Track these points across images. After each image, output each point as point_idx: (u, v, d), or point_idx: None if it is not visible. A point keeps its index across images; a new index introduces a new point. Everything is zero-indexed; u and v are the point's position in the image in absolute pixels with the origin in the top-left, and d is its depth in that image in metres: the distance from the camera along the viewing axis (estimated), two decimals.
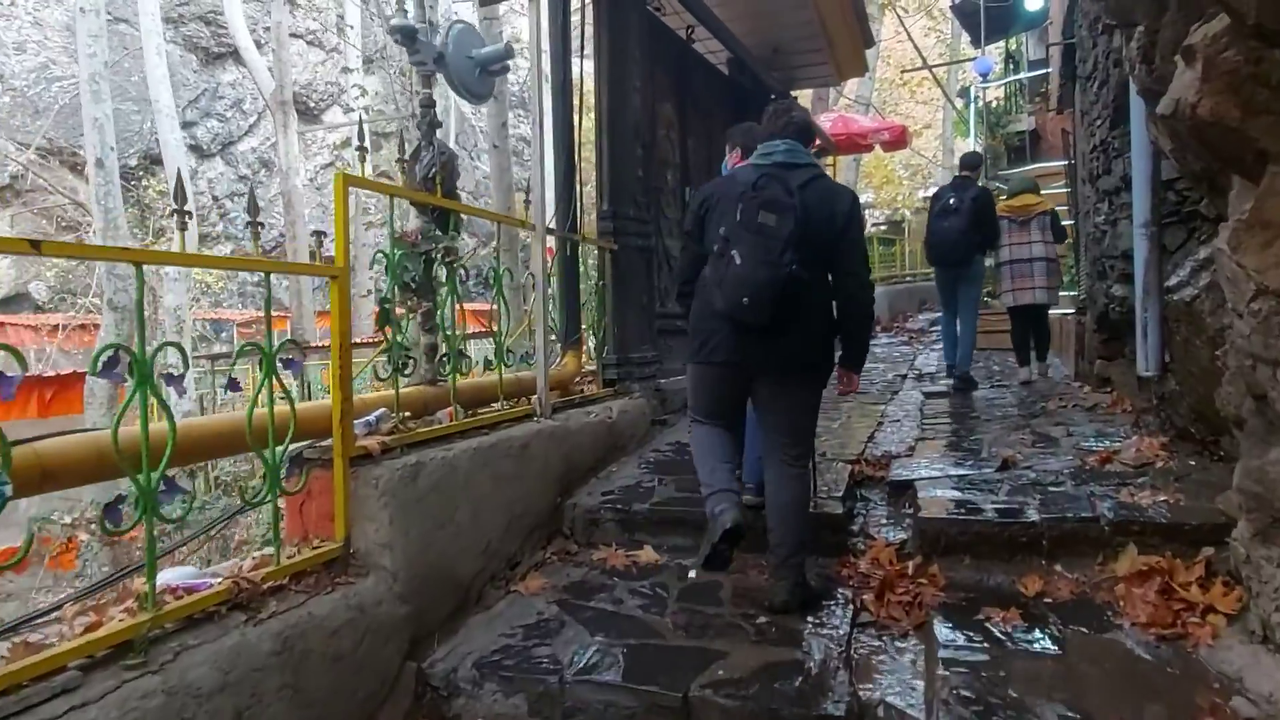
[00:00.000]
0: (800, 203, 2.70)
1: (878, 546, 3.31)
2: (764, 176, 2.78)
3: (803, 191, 2.76)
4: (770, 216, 2.68)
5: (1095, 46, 5.42)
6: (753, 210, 2.69)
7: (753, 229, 2.67)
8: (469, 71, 3.24)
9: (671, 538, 3.53)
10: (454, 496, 2.90)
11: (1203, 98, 2.22)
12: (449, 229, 3.09)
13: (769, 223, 2.67)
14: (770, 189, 2.73)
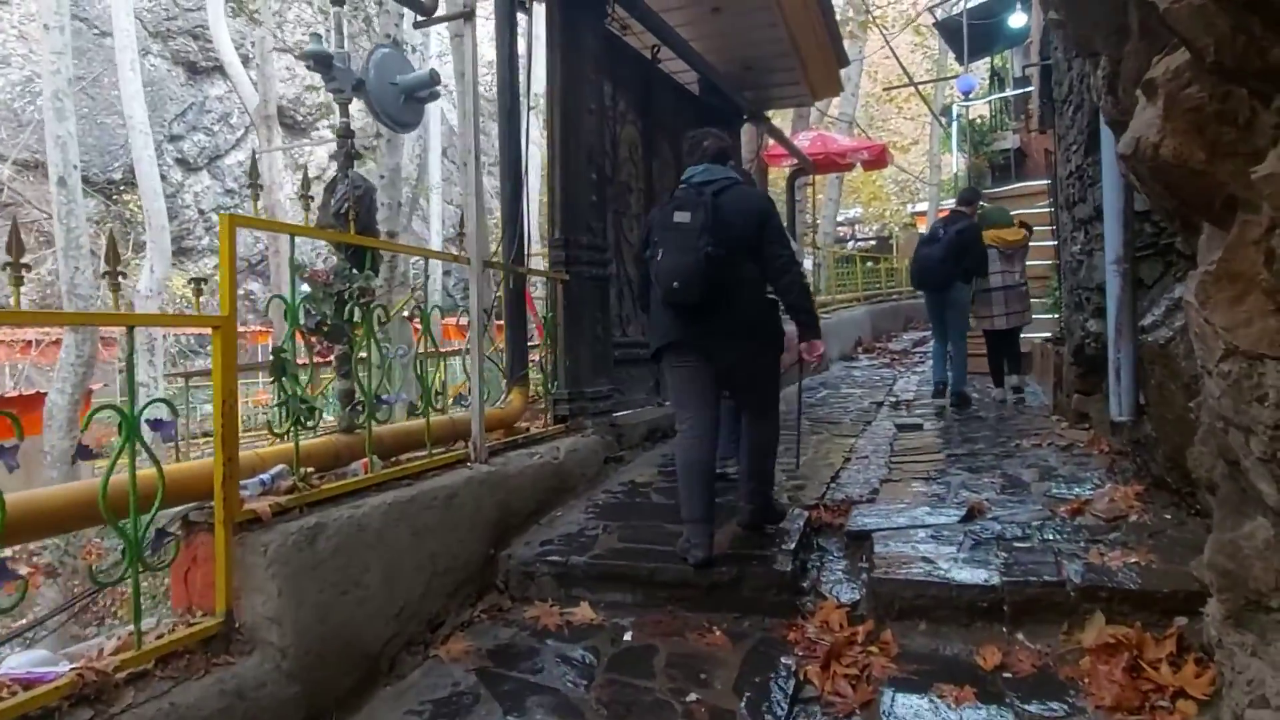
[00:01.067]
0: (712, 203, 3.18)
1: (828, 608, 3.08)
2: (682, 191, 3.35)
3: (715, 196, 3.22)
4: (684, 215, 3.18)
5: (1070, 69, 5.24)
6: (669, 214, 3.23)
7: (670, 227, 3.19)
8: (392, 99, 3.03)
9: (611, 594, 3.29)
10: (362, 558, 2.66)
11: (1165, 137, 2.01)
12: (365, 267, 2.87)
13: (684, 220, 3.17)
14: (683, 196, 3.28)
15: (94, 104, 19.53)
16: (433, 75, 3.10)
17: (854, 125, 16.10)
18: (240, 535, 2.33)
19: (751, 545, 3.42)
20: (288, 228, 2.64)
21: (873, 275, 17.58)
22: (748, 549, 3.38)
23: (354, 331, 2.86)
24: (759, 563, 3.24)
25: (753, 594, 3.15)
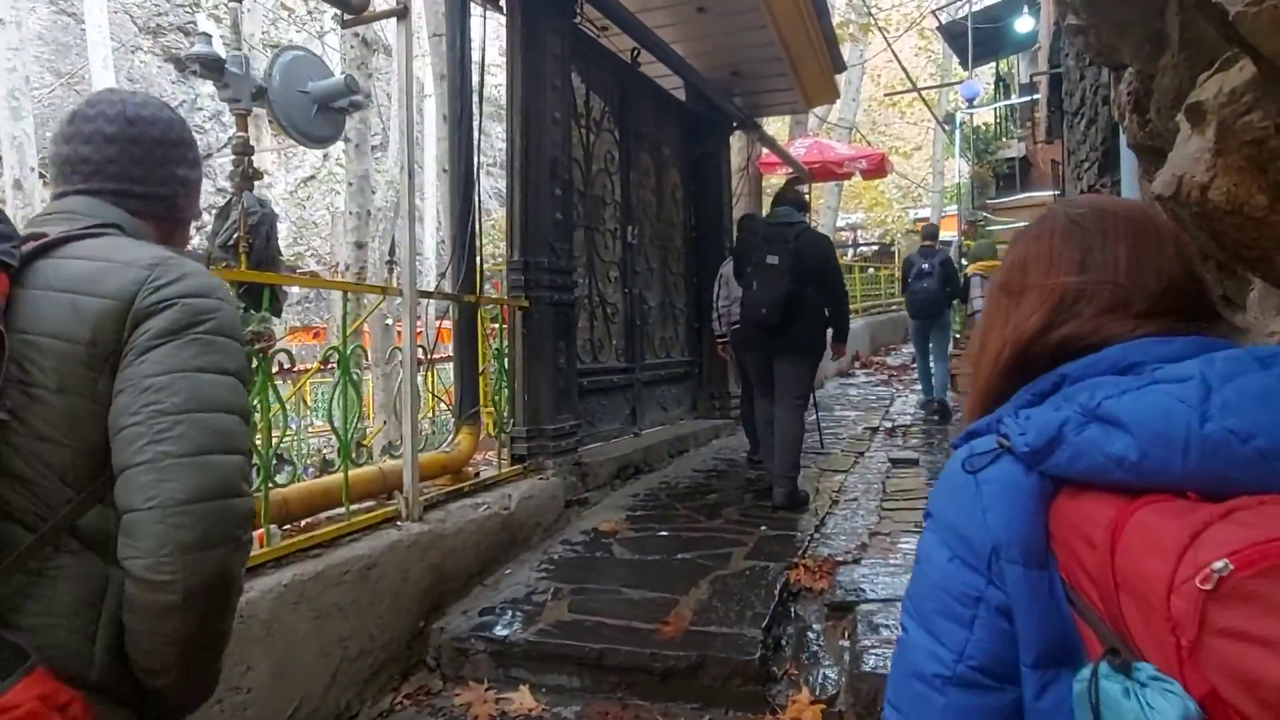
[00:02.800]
0: (795, 247, 4.29)
1: (801, 703, 2.66)
2: (770, 229, 4.51)
3: (797, 240, 4.35)
4: (774, 257, 4.28)
5: (1083, 79, 4.82)
6: (763, 254, 4.35)
7: (763, 266, 4.31)
8: (301, 109, 2.61)
9: (555, 676, 2.88)
10: (244, 654, 2.25)
11: (1215, 175, 1.58)
12: (264, 306, 2.45)
13: (774, 262, 4.27)
14: (772, 235, 4.41)
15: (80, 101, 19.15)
16: (349, 81, 2.69)
17: (854, 131, 15.69)
18: None
19: (718, 620, 3.00)
20: None
21: (872, 284, 17.12)
22: (713, 624, 2.96)
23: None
24: (724, 643, 2.82)
25: (715, 682, 2.74)
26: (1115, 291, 0.81)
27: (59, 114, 9.00)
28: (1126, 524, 0.64)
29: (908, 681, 0.80)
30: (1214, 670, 0.55)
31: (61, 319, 0.95)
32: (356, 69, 6.74)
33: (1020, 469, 0.75)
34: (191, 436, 0.93)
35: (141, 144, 1.13)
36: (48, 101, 17.34)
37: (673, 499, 4.71)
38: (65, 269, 0.98)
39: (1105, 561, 0.65)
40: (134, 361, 0.94)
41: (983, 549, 0.75)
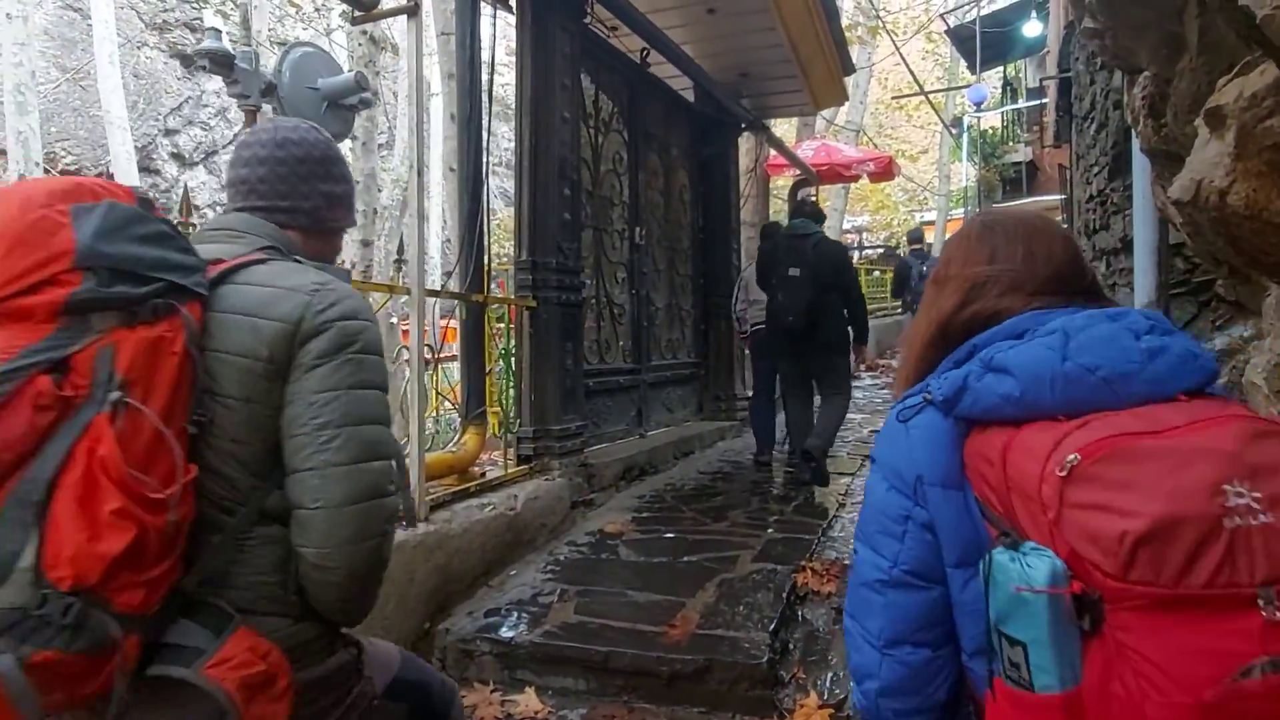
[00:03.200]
0: (814, 257, 4.71)
1: (809, 707, 2.65)
2: (790, 241, 4.90)
3: (815, 250, 4.76)
4: (796, 270, 4.69)
5: (1093, 84, 4.80)
6: (785, 267, 4.76)
7: (786, 278, 4.73)
8: (311, 106, 2.60)
9: (560, 679, 2.87)
10: None
11: (1235, 180, 1.57)
12: None
13: (796, 274, 4.68)
14: (793, 248, 4.81)
15: (86, 96, 19.13)
16: (359, 78, 2.68)
17: (861, 133, 15.66)
18: None
19: (725, 623, 2.99)
20: None
21: (879, 287, 17.08)
22: (720, 628, 2.95)
23: None
24: (731, 647, 2.81)
25: (722, 686, 2.72)
26: (1013, 277, 1.03)
27: (63, 109, 9.10)
28: (1013, 443, 0.85)
29: (856, 590, 1.00)
30: (1071, 534, 0.75)
31: (244, 339, 1.11)
32: (364, 66, 6.74)
33: (939, 416, 0.95)
34: (348, 448, 1.12)
35: (286, 164, 1.30)
36: (52, 96, 17.36)
37: (678, 501, 4.69)
38: (245, 295, 1.14)
39: (1000, 473, 0.85)
40: (301, 378, 1.13)
41: (910, 477, 0.95)
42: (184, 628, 1.04)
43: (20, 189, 1.07)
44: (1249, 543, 0.70)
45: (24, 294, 0.96)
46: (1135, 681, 0.71)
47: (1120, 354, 0.86)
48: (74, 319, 0.98)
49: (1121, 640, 0.73)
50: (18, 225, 0.98)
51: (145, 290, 1.02)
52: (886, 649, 0.95)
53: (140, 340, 1.00)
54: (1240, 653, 0.68)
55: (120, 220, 1.03)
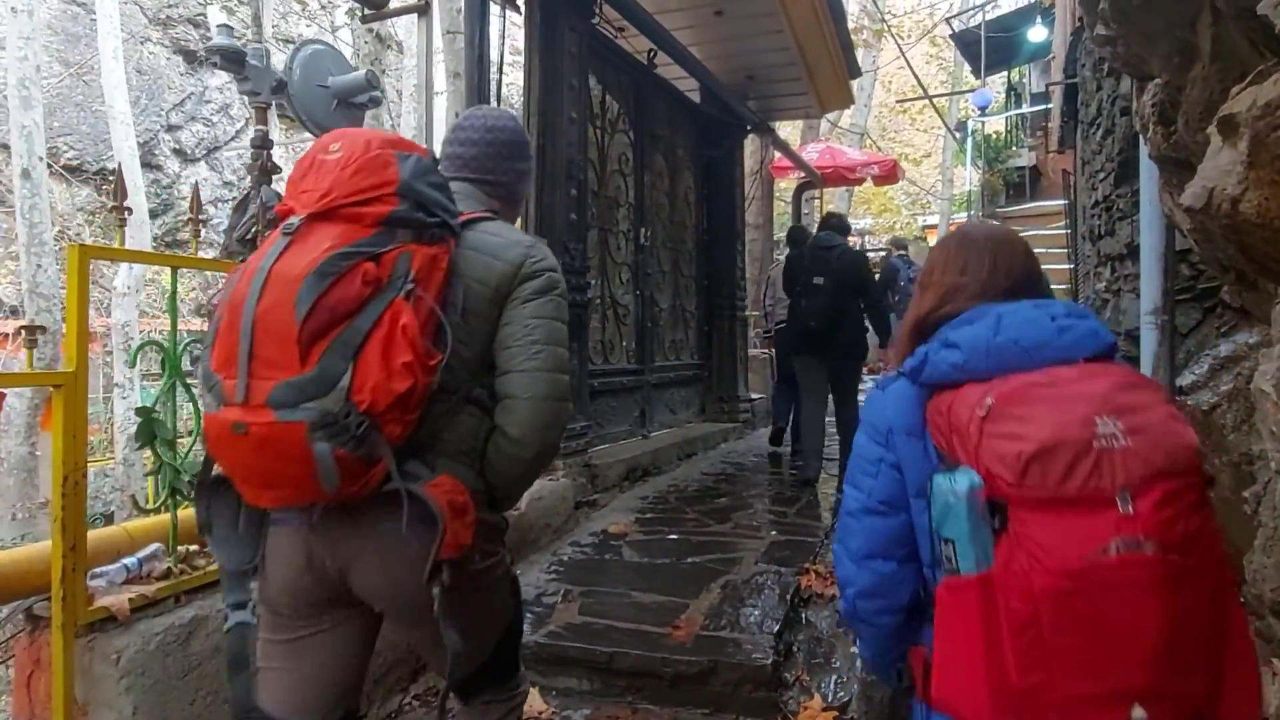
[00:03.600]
0: (837, 266, 5.03)
1: (813, 709, 2.66)
2: (815, 252, 5.23)
3: (838, 261, 5.07)
4: (820, 279, 5.01)
5: (1100, 89, 4.80)
6: (811, 275, 5.07)
7: (811, 285, 5.04)
8: (321, 104, 2.61)
9: (564, 679, 2.87)
10: None
11: (1247, 189, 1.57)
12: None
13: (820, 282, 5.00)
14: (818, 259, 5.12)
15: (89, 91, 19.11)
16: (370, 76, 2.68)
17: (865, 136, 15.66)
18: (90, 638, 1.92)
19: (729, 624, 2.99)
20: (166, 259, 2.22)
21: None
22: (724, 629, 2.96)
23: None
24: (735, 649, 2.81)
25: (726, 688, 2.73)
26: (979, 286, 1.27)
27: (66, 104, 9.14)
28: (956, 397, 1.11)
29: (843, 519, 1.27)
30: (986, 456, 1.02)
31: (480, 271, 1.47)
32: (370, 64, 6.74)
33: (908, 384, 1.22)
34: (549, 360, 1.48)
35: (494, 146, 1.67)
36: (55, 91, 17.31)
37: (682, 502, 4.70)
38: (482, 240, 1.51)
39: (946, 420, 1.11)
40: (518, 306, 1.49)
41: (884, 429, 1.23)
42: (412, 463, 1.35)
43: (362, 133, 1.45)
44: (1111, 460, 0.97)
45: (359, 204, 1.34)
46: (1027, 560, 0.96)
47: (1037, 331, 1.13)
48: (387, 229, 1.34)
49: (1019, 532, 0.99)
50: (363, 157, 1.37)
51: (431, 221, 1.39)
52: (863, 562, 1.22)
53: (425, 254, 1.36)
54: (1101, 536, 0.94)
55: (424, 169, 1.42)
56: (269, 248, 1.32)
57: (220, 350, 1.28)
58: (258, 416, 1.22)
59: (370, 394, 1.24)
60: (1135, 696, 0.94)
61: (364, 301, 1.26)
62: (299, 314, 1.23)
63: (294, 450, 1.22)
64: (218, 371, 1.27)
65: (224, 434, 1.25)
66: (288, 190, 1.44)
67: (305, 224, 1.32)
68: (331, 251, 1.27)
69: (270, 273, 1.27)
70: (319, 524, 1.37)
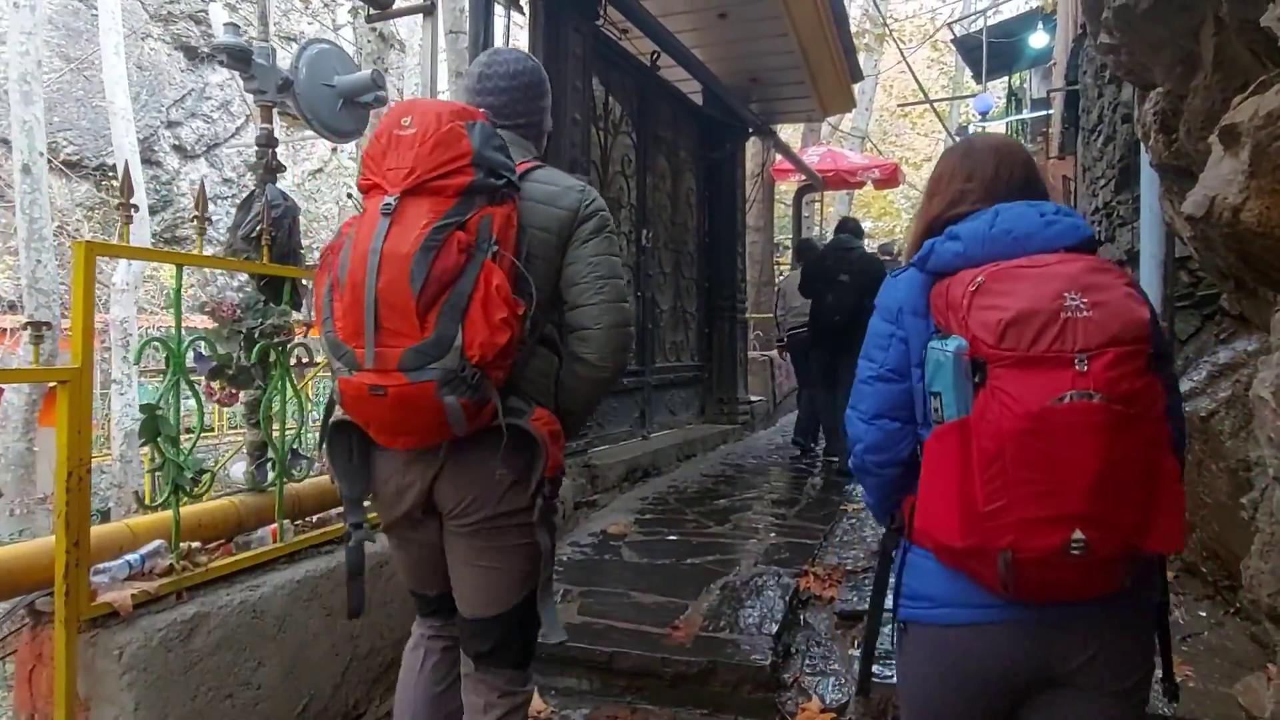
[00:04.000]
0: (859, 267, 5.55)
1: (811, 710, 2.66)
2: (836, 253, 5.76)
3: (859, 262, 5.63)
4: (845, 276, 5.52)
5: (1101, 96, 4.82)
6: (835, 273, 5.58)
7: (836, 283, 5.55)
8: (326, 103, 2.61)
9: (564, 679, 2.87)
10: (256, 650, 2.25)
11: (1248, 198, 1.59)
12: (284, 300, 2.45)
13: (845, 280, 5.51)
14: (841, 259, 5.65)
15: (89, 87, 19.09)
16: (375, 76, 2.69)
17: (866, 140, 15.68)
18: (93, 634, 1.92)
19: (729, 625, 3.00)
20: (171, 256, 2.23)
21: None
22: (724, 630, 2.96)
23: (266, 375, 2.45)
24: (734, 650, 2.82)
25: (725, 689, 2.73)
26: (984, 190, 1.41)
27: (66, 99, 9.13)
28: (954, 279, 1.27)
29: (857, 387, 1.44)
30: (973, 324, 1.19)
31: (541, 219, 1.63)
32: (373, 64, 6.75)
33: (916, 271, 1.38)
34: (613, 292, 1.67)
35: (520, 90, 1.77)
36: (56, 86, 17.28)
37: (681, 503, 4.71)
38: (537, 190, 1.65)
39: (944, 299, 1.27)
40: (579, 246, 1.67)
41: (895, 309, 1.40)
42: (512, 401, 1.56)
43: (431, 106, 1.56)
44: (1074, 328, 1.15)
45: (441, 178, 1.47)
46: (999, 408, 1.15)
47: (1027, 224, 1.29)
48: (466, 198, 1.48)
49: (994, 386, 1.17)
50: (438, 132, 1.48)
51: (500, 182, 1.53)
52: (872, 421, 1.39)
53: (500, 214, 1.52)
54: (1059, 388, 1.13)
55: (489, 134, 1.54)
56: (372, 228, 1.47)
57: (347, 324, 1.48)
58: (392, 380, 1.44)
59: (479, 349, 1.44)
60: (1077, 521, 1.13)
61: (461, 269, 1.44)
62: (414, 288, 1.41)
63: (427, 404, 1.45)
64: (347, 342, 1.48)
65: (362, 395, 1.48)
66: (369, 167, 1.55)
67: (400, 202, 1.46)
68: (429, 227, 1.44)
69: (383, 253, 1.43)
70: (426, 456, 1.60)
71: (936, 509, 1.24)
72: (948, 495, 1.22)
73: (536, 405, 1.59)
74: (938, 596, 1.31)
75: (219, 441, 11.02)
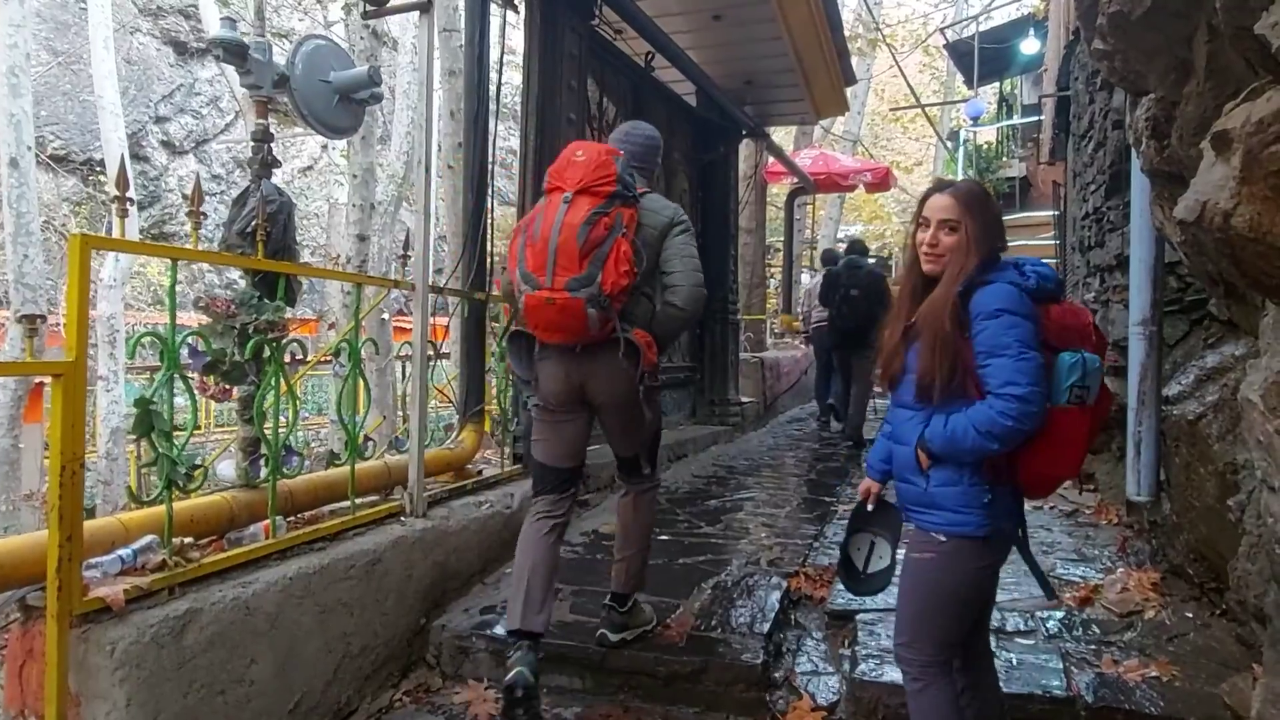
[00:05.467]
0: (867, 282, 6.71)
1: (802, 709, 2.67)
2: (849, 270, 6.90)
3: (867, 278, 6.76)
4: (856, 290, 6.66)
5: (1092, 103, 4.86)
6: (849, 288, 6.71)
7: (850, 296, 6.68)
8: (323, 99, 2.61)
9: (556, 677, 2.87)
10: (249, 648, 2.24)
11: (1239, 203, 1.61)
12: (278, 295, 2.45)
13: (856, 294, 6.65)
14: (852, 275, 6.81)
15: (77, 80, 18.94)
16: (373, 72, 2.69)
17: (858, 144, 15.73)
18: (84, 629, 1.91)
19: (720, 625, 3.01)
20: (166, 250, 2.22)
21: None
22: (716, 629, 2.97)
23: (260, 370, 2.44)
24: (726, 649, 2.83)
25: (717, 687, 2.74)
26: None
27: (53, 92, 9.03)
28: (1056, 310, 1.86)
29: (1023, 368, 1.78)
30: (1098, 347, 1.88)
31: (651, 221, 2.59)
32: (366, 61, 6.73)
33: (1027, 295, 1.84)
34: (691, 264, 2.62)
35: (646, 147, 2.82)
36: (43, 80, 17.13)
37: (673, 504, 4.71)
38: (650, 203, 2.63)
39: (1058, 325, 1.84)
40: (671, 240, 2.62)
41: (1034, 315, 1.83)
42: (622, 323, 2.47)
43: (595, 146, 2.61)
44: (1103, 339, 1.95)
45: (597, 185, 2.45)
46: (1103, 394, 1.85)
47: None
48: (609, 200, 2.44)
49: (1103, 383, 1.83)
50: (597, 160, 2.49)
51: (629, 194, 2.51)
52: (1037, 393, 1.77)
53: (628, 213, 2.48)
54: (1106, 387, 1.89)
55: (625, 166, 2.53)
56: (557, 209, 2.45)
57: (537, 262, 2.43)
58: (560, 295, 2.39)
59: (610, 286, 2.39)
60: None
61: (603, 239, 2.40)
62: (580, 243, 2.38)
63: (578, 312, 2.39)
64: (535, 273, 2.43)
65: (540, 303, 2.42)
66: (553, 177, 2.55)
67: (574, 197, 2.45)
68: (589, 212, 2.41)
69: (562, 224, 2.41)
70: (578, 354, 2.53)
71: (1068, 458, 1.82)
72: (1076, 449, 1.81)
73: (636, 328, 2.52)
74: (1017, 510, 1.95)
75: (206, 439, 10.95)
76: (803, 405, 10.00)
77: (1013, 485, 1.88)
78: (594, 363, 2.51)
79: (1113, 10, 1.92)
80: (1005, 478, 1.86)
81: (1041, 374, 1.77)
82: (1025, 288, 1.82)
